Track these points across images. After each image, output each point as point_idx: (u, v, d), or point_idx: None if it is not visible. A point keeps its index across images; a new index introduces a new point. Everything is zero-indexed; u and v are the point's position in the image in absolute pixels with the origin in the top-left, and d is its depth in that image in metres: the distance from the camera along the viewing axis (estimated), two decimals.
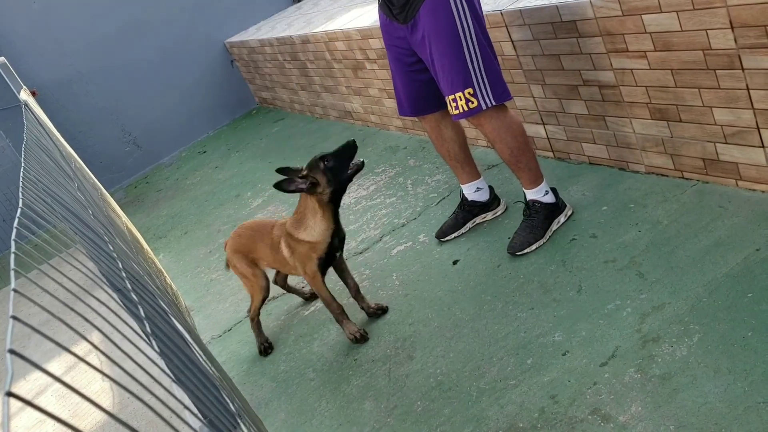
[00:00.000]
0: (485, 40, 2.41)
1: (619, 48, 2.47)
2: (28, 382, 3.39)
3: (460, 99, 2.40)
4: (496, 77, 2.42)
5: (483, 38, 2.39)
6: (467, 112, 2.42)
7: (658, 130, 2.56)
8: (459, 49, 2.36)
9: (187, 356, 1.16)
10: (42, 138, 2.10)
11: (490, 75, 2.40)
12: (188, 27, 6.74)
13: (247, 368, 2.73)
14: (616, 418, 1.75)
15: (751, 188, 2.34)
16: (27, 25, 6.10)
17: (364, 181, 3.94)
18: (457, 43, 2.35)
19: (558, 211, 2.62)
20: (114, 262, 1.27)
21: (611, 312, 2.11)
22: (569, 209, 2.66)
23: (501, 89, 2.44)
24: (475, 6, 2.39)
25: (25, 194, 1.11)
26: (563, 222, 2.63)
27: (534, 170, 2.59)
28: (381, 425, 2.10)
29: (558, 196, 2.63)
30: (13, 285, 0.73)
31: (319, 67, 5.06)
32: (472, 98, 2.39)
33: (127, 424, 0.60)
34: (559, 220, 2.62)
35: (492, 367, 2.11)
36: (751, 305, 1.89)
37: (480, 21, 2.40)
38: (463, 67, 2.37)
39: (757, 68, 2.07)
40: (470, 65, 2.37)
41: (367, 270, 3.00)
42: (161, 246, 4.53)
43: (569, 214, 2.65)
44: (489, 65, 2.40)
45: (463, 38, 2.35)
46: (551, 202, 2.60)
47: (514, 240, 2.61)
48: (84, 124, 6.44)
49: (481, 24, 2.40)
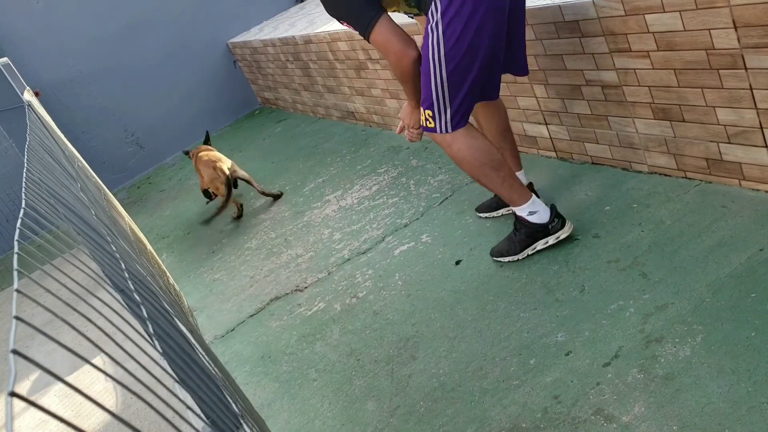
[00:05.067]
0: (464, 66, 2.25)
1: (622, 48, 2.47)
2: (31, 382, 3.40)
3: (422, 114, 2.39)
4: (463, 108, 2.32)
5: (459, 65, 2.24)
6: (425, 128, 2.41)
7: (661, 130, 2.56)
8: (427, 71, 2.29)
9: (190, 357, 1.16)
10: (45, 138, 2.11)
11: (454, 103, 2.30)
12: (191, 27, 6.75)
13: (250, 369, 2.73)
14: (619, 418, 1.75)
15: (755, 188, 2.34)
16: (29, 26, 6.11)
17: (367, 182, 3.94)
18: (426, 65, 2.29)
19: (545, 233, 2.49)
20: (117, 262, 1.28)
21: (614, 312, 2.10)
22: (564, 232, 2.49)
23: (459, 119, 2.34)
24: (456, 32, 2.20)
25: (28, 195, 1.11)
26: (552, 244, 2.50)
27: (506, 193, 2.46)
28: (384, 425, 2.10)
29: (553, 218, 2.48)
30: (16, 285, 0.73)
31: (321, 67, 5.07)
32: (430, 119, 2.36)
33: (130, 424, 0.60)
34: (547, 241, 2.50)
35: (495, 368, 2.11)
36: (754, 305, 1.88)
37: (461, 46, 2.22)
38: (428, 88, 2.31)
39: (760, 68, 2.07)
40: (434, 89, 2.29)
41: (369, 270, 3.00)
42: (164, 246, 4.54)
43: (561, 237, 2.49)
44: (455, 93, 2.28)
45: (432, 63, 2.26)
46: (538, 223, 2.48)
47: (498, 244, 2.63)
48: (86, 125, 6.45)
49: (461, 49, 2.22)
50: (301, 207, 4.06)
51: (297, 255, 3.49)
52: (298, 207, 4.09)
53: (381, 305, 2.71)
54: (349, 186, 4.00)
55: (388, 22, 2.31)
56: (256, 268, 3.57)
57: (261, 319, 3.05)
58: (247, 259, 3.72)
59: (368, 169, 4.13)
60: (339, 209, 3.78)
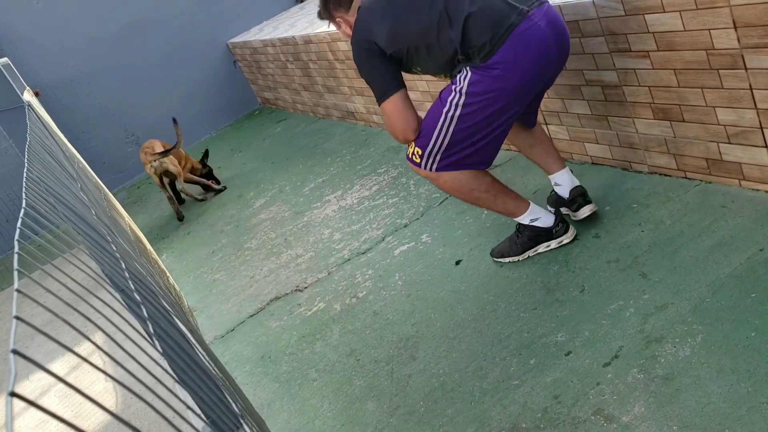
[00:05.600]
0: (471, 133, 2.29)
1: (622, 48, 2.47)
2: (31, 382, 3.40)
3: (411, 147, 2.41)
4: (453, 165, 2.36)
5: (468, 131, 2.28)
6: (410, 160, 2.44)
7: (661, 130, 2.56)
8: (435, 118, 2.31)
9: (190, 357, 1.16)
10: (45, 138, 2.11)
11: (447, 158, 2.35)
12: (191, 27, 6.75)
13: (250, 369, 2.73)
14: (619, 418, 1.75)
15: (755, 188, 2.34)
16: (29, 26, 6.11)
17: (367, 182, 3.94)
18: (437, 112, 2.31)
19: (548, 237, 2.51)
20: (117, 262, 1.28)
21: (614, 312, 2.10)
22: (567, 237, 2.51)
23: (444, 168, 2.38)
24: (477, 104, 2.23)
25: (28, 194, 1.11)
26: (554, 248, 2.52)
27: (503, 209, 2.49)
28: (384, 426, 2.10)
29: (558, 222, 2.50)
30: (16, 285, 0.73)
31: (321, 67, 5.07)
32: (418, 156, 2.39)
33: (130, 424, 0.60)
34: (549, 245, 2.51)
35: (495, 368, 2.11)
36: (754, 305, 1.88)
37: (476, 117, 2.26)
38: (428, 133, 2.33)
39: (760, 68, 2.07)
40: (434, 137, 2.33)
41: (369, 270, 3.00)
42: (164, 246, 4.54)
43: (564, 242, 2.51)
44: (452, 150, 2.33)
45: (444, 116, 2.29)
46: (541, 227, 2.49)
47: (498, 245, 2.63)
48: (86, 125, 6.45)
49: (475, 119, 2.26)
50: (301, 207, 4.06)
51: (297, 255, 3.49)
52: (298, 207, 4.09)
53: (381, 305, 2.71)
54: (349, 186, 4.00)
55: (403, 100, 2.35)
56: (256, 268, 3.57)
57: (261, 319, 3.05)
58: (247, 259, 3.72)
59: (368, 169, 4.13)
60: (339, 209, 3.78)
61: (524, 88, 2.23)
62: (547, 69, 2.27)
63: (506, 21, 2.14)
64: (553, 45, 2.21)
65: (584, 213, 2.56)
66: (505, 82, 2.18)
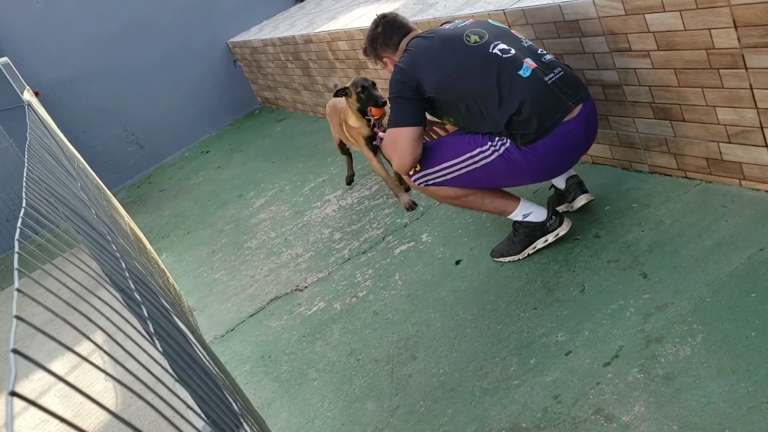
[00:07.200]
0: (481, 180, 2.43)
1: (622, 47, 2.47)
2: (31, 381, 3.40)
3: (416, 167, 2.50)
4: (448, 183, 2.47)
5: (480, 178, 2.42)
6: None
7: (661, 130, 2.56)
8: (457, 150, 2.41)
9: (190, 356, 1.16)
10: (45, 138, 2.11)
11: (444, 183, 2.47)
12: (191, 27, 6.75)
13: (250, 368, 2.73)
14: (619, 418, 1.75)
15: (755, 188, 2.34)
16: (29, 25, 6.11)
17: (367, 181, 3.94)
18: (462, 146, 2.40)
19: (544, 231, 2.51)
20: (117, 261, 1.28)
21: (614, 312, 2.10)
22: (562, 229, 2.50)
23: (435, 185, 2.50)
24: (504, 166, 2.35)
25: (28, 194, 1.11)
26: (551, 242, 2.52)
27: (493, 209, 2.55)
28: (384, 425, 2.10)
29: (551, 215, 2.50)
30: (17, 285, 0.73)
31: (321, 67, 5.06)
32: (415, 171, 2.49)
33: (131, 423, 0.60)
34: (546, 239, 2.51)
35: (495, 367, 2.11)
36: (754, 305, 1.88)
37: (496, 172, 2.38)
38: (441, 157, 2.43)
39: (760, 67, 2.07)
40: (445, 164, 2.43)
41: (370, 270, 3.00)
42: (164, 246, 4.54)
43: (560, 234, 2.50)
44: (454, 181, 2.45)
45: (467, 154, 2.39)
46: (535, 221, 2.50)
47: (498, 245, 2.65)
48: (86, 124, 6.45)
49: (493, 174, 2.39)
50: (301, 206, 4.06)
51: (297, 255, 3.49)
52: (298, 206, 4.09)
53: (381, 305, 2.71)
54: (349, 186, 4.00)
55: (419, 137, 2.44)
56: (256, 268, 3.57)
57: (261, 319, 3.05)
58: (247, 259, 3.72)
59: (368, 168, 4.13)
60: (339, 209, 3.78)
61: (547, 175, 2.47)
62: (573, 162, 2.46)
63: (552, 117, 2.28)
64: (585, 147, 2.42)
65: (580, 202, 2.58)
66: (536, 166, 2.34)
